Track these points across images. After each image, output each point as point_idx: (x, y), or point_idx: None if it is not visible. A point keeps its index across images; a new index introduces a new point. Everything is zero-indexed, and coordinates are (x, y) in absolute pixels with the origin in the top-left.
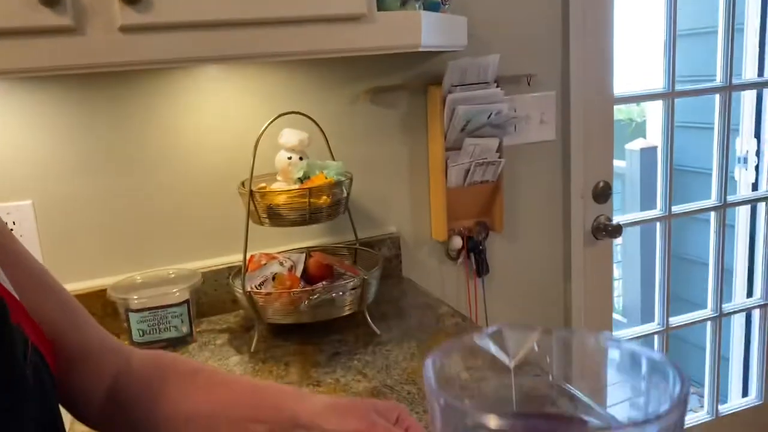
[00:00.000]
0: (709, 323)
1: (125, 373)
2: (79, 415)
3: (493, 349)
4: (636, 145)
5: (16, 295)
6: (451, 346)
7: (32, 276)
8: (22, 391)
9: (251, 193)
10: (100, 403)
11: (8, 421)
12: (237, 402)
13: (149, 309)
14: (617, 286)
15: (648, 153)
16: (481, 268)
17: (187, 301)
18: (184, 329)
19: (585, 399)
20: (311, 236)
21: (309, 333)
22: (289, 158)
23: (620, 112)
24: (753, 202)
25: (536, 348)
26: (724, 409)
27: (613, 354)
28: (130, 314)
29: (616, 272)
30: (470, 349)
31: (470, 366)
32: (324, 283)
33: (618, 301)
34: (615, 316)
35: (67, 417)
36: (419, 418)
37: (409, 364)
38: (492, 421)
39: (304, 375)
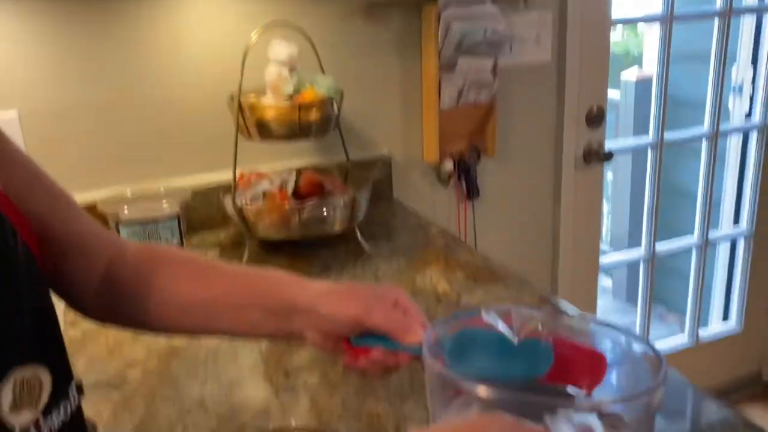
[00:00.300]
0: (694, 250)
1: (120, 261)
2: (75, 305)
3: (501, 325)
4: (631, 75)
5: (1, 187)
6: (454, 319)
7: (19, 167)
8: (16, 274)
9: (240, 106)
10: (96, 291)
11: (7, 299)
12: (235, 289)
13: (139, 222)
14: (605, 222)
15: (643, 85)
16: (472, 192)
17: (177, 215)
18: (175, 242)
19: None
20: (302, 155)
21: (299, 249)
22: (279, 73)
23: (617, 45)
24: (745, 131)
25: (540, 328)
26: (704, 334)
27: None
28: (121, 227)
29: (605, 207)
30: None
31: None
32: (315, 200)
33: (606, 234)
34: (602, 246)
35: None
36: None
37: (398, 278)
38: (482, 391)
39: None
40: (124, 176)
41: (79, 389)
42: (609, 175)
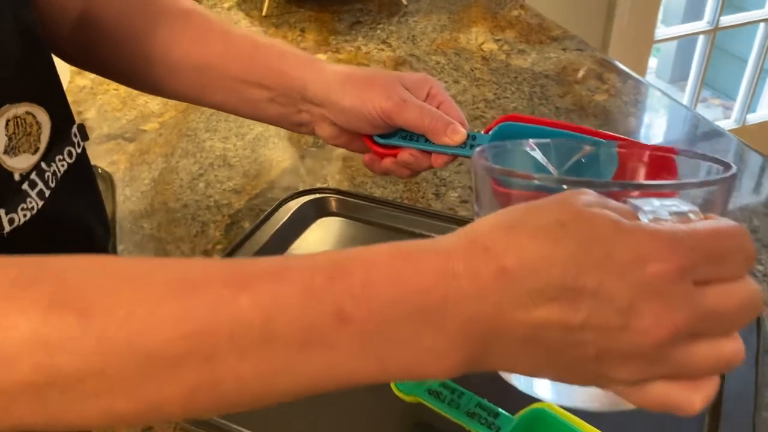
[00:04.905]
0: (762, 26)
1: None
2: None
3: (540, 158)
4: None
5: None
6: (498, 147)
7: None
8: None
9: None
10: (73, 28)
11: None
12: (234, 57)
13: None
14: None
15: None
16: None
17: None
18: None
19: None
20: None
21: (326, 1)
22: None
23: None
24: None
25: (583, 161)
26: (751, 118)
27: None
28: None
29: None
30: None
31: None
32: None
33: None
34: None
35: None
36: (447, 88)
37: (439, 35)
38: (552, 181)
39: (322, 41)
40: None
41: (82, 133)
42: None
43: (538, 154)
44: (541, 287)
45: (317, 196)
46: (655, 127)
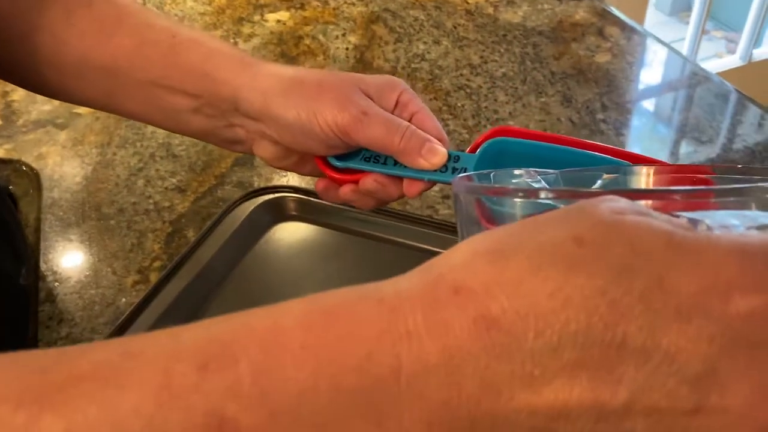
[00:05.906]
0: None
1: None
2: None
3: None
4: None
5: None
6: (488, 176)
7: None
8: None
9: None
10: None
11: None
12: (147, 56)
13: None
14: None
15: None
16: None
17: None
18: None
19: None
20: None
21: None
22: None
23: None
24: None
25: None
26: (758, 54)
27: None
28: None
29: None
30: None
31: None
32: None
33: None
34: None
35: None
36: (427, 50)
37: None
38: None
39: None
40: None
41: None
42: None
43: (542, 186)
44: (553, 346)
45: (275, 195)
46: (666, 97)
